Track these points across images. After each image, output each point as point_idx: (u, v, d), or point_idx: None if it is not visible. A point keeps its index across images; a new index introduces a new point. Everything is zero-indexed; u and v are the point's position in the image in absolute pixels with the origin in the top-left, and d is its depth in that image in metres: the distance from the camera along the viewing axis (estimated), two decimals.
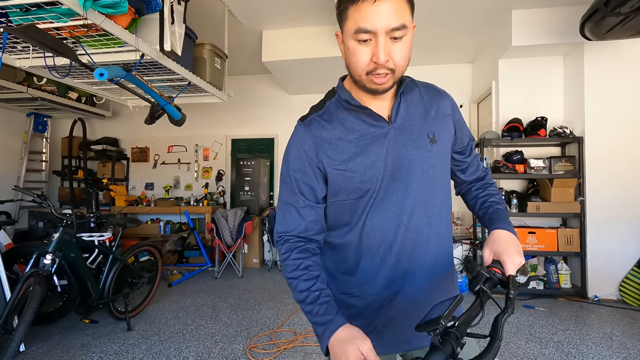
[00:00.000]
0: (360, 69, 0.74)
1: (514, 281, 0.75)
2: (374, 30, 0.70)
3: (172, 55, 2.60)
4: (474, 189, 0.97)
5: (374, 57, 0.72)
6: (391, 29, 0.70)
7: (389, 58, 0.72)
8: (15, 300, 2.08)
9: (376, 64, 0.72)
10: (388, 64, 0.73)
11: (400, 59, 0.73)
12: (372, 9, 0.69)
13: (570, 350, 2.42)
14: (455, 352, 0.57)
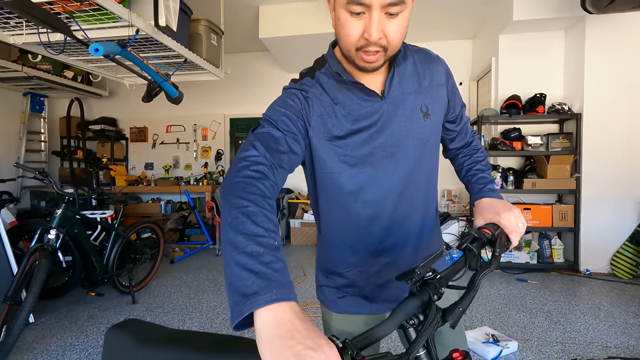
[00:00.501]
0: (350, 44, 0.69)
1: (502, 240, 0.79)
2: (368, 3, 0.63)
3: (167, 31, 2.57)
4: (460, 156, 0.99)
5: (365, 33, 0.66)
6: (388, 4, 0.64)
7: (382, 36, 0.67)
8: (22, 273, 2.15)
9: (367, 41, 0.67)
10: (381, 42, 0.67)
11: (395, 37, 0.68)
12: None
13: (559, 319, 2.51)
14: (431, 299, 0.61)
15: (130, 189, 5.24)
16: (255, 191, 0.60)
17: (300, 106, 0.77)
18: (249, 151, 0.68)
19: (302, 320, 0.44)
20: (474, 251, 0.75)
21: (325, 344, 0.42)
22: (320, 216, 0.91)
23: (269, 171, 0.66)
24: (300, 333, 0.42)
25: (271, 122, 0.74)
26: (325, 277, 0.94)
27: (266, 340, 0.42)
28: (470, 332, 2.24)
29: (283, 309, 0.45)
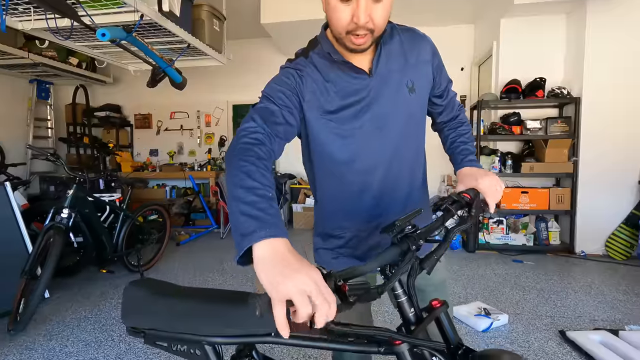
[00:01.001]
0: (341, 28, 0.76)
1: (478, 202, 0.87)
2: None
3: (170, 17, 2.63)
4: (446, 129, 1.06)
5: (354, 18, 0.73)
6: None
7: (369, 19, 0.73)
8: (38, 250, 2.26)
9: (356, 25, 0.74)
10: (368, 25, 0.74)
11: (380, 20, 0.75)
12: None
13: (551, 296, 2.61)
14: (410, 249, 0.70)
15: (136, 175, 5.34)
16: (253, 154, 0.68)
17: (295, 83, 0.85)
18: (249, 123, 0.77)
19: (291, 252, 0.53)
20: (452, 211, 0.83)
21: (309, 268, 0.51)
22: (315, 186, 1.00)
23: (265, 139, 0.74)
24: (288, 260, 0.51)
25: (269, 97, 0.82)
26: (322, 240, 1.03)
27: (261, 266, 0.52)
28: (464, 306, 2.34)
29: (276, 243, 0.54)
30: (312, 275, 0.49)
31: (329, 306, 0.48)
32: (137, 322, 0.87)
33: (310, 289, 0.48)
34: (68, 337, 2.10)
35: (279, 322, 0.48)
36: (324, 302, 0.48)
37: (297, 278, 0.48)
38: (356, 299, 0.57)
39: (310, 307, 0.47)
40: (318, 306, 0.48)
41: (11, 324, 2.12)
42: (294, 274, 0.49)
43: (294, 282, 0.48)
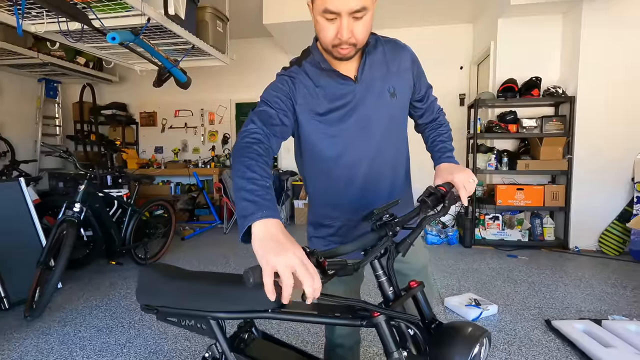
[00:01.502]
0: (328, 42, 0.87)
1: (452, 194, 0.97)
2: (338, 12, 0.81)
3: (176, 19, 2.74)
4: (427, 130, 1.17)
5: (338, 34, 0.84)
6: (353, 11, 0.81)
7: (351, 35, 0.84)
8: (52, 242, 2.39)
9: (340, 40, 0.85)
10: (350, 40, 0.85)
11: (361, 35, 0.86)
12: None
13: (541, 289, 2.71)
14: (387, 234, 0.80)
15: (142, 172, 5.48)
16: (253, 151, 0.80)
17: (289, 89, 0.96)
18: (249, 125, 0.89)
19: (282, 232, 0.65)
20: (427, 203, 0.93)
21: (296, 247, 0.62)
22: (306, 180, 1.11)
23: (264, 138, 0.86)
24: (279, 239, 0.63)
25: (266, 102, 0.94)
26: (314, 229, 1.14)
27: (257, 243, 0.63)
28: (456, 297, 2.45)
29: (270, 223, 0.65)
30: (297, 254, 0.60)
31: (312, 279, 0.59)
32: (151, 300, 0.99)
33: (294, 264, 0.58)
34: (81, 323, 2.23)
35: (267, 289, 0.59)
36: (307, 275, 0.59)
37: (284, 255, 0.59)
38: (334, 273, 0.68)
39: (292, 279, 0.58)
40: (302, 279, 0.59)
41: (27, 310, 2.25)
42: (282, 252, 0.60)
43: (281, 258, 0.59)
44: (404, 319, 0.82)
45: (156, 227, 3.43)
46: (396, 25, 5.09)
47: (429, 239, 4.08)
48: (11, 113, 5.21)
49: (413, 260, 1.15)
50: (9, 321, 2.25)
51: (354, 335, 1.21)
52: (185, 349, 1.93)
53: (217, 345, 0.97)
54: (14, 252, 2.52)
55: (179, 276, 1.01)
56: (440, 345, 0.77)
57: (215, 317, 0.93)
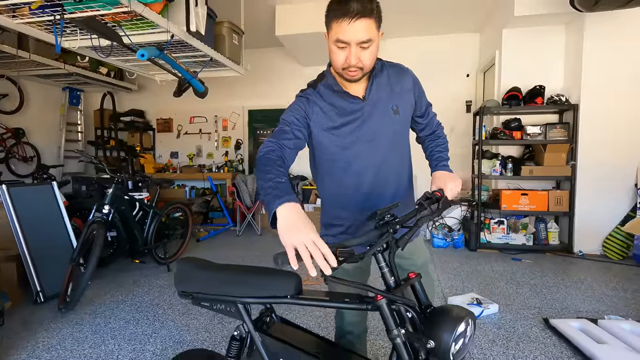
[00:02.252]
0: (339, 66, 1.05)
1: (445, 199, 1.12)
2: (348, 42, 0.99)
3: (196, 35, 2.95)
4: (427, 141, 1.33)
5: (347, 60, 1.02)
6: (360, 42, 0.99)
7: (358, 60, 1.02)
8: (83, 240, 2.60)
9: (349, 64, 1.02)
10: (357, 65, 1.02)
11: (367, 61, 1.04)
12: (348, 27, 0.98)
13: (542, 290, 2.82)
14: (388, 232, 0.96)
15: (158, 176, 5.73)
16: (268, 160, 1.00)
17: (304, 108, 1.15)
18: (268, 140, 1.09)
19: (299, 214, 0.82)
20: (424, 205, 1.09)
21: (309, 229, 0.78)
22: (319, 185, 1.28)
23: (277, 150, 1.05)
24: (296, 221, 0.80)
25: (284, 121, 1.14)
26: (325, 228, 1.30)
27: (280, 225, 0.81)
28: (458, 296, 2.58)
29: (288, 206, 0.83)
30: (309, 234, 0.77)
31: (321, 255, 0.75)
32: (187, 288, 1.16)
33: (307, 243, 0.75)
34: (110, 315, 2.42)
35: (290, 258, 0.76)
36: (317, 252, 0.75)
37: (299, 235, 0.76)
38: (343, 260, 0.84)
39: (307, 253, 0.75)
40: (313, 255, 0.75)
41: (61, 303, 2.46)
42: (297, 232, 0.77)
43: (297, 237, 0.76)
44: (403, 302, 0.97)
45: (175, 228, 3.63)
46: (406, 34, 5.26)
47: (436, 242, 4.20)
48: (37, 120, 5.51)
49: (415, 257, 1.30)
50: (45, 313, 2.45)
51: (362, 324, 1.37)
52: (205, 339, 2.10)
53: (243, 326, 1.13)
54: (47, 250, 2.74)
55: (210, 267, 1.18)
56: (431, 323, 0.92)
57: (242, 302, 1.09)
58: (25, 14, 2.48)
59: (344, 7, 0.98)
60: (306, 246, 0.75)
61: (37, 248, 2.67)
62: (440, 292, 2.78)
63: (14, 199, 2.65)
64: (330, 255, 0.76)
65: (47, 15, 2.47)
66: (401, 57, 5.83)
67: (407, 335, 0.95)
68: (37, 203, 2.83)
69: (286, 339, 1.13)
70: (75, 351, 1.99)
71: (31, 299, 2.60)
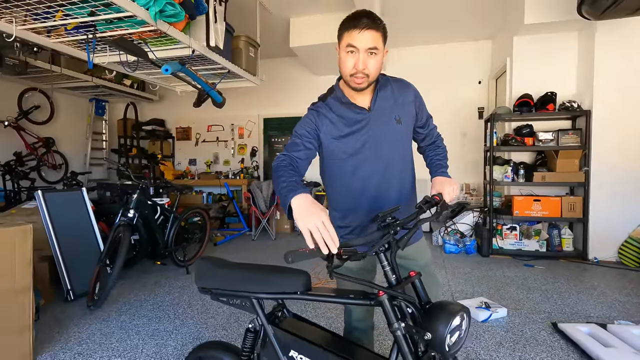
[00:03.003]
0: (347, 72, 1.17)
1: (444, 203, 1.21)
2: (357, 46, 1.12)
3: (216, 50, 3.13)
4: (427, 150, 1.43)
5: (355, 65, 1.14)
6: (368, 48, 1.13)
7: (365, 67, 1.14)
8: (110, 242, 2.78)
9: (356, 70, 1.14)
10: (365, 71, 1.14)
11: (373, 69, 1.15)
12: (358, 35, 1.13)
13: (553, 295, 2.83)
14: (389, 232, 1.06)
15: (178, 182, 5.95)
16: (281, 168, 1.14)
17: (314, 121, 1.27)
18: (281, 154, 1.23)
19: (310, 201, 0.96)
20: (423, 208, 1.18)
21: (319, 212, 0.91)
22: (328, 189, 1.40)
23: (289, 161, 1.19)
24: (307, 207, 0.94)
25: (296, 134, 1.27)
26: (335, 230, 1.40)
27: (295, 213, 0.95)
28: (467, 300, 2.62)
29: (300, 197, 0.98)
30: (320, 216, 0.90)
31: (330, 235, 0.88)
32: (206, 284, 1.28)
33: (317, 225, 0.89)
34: (134, 313, 2.58)
35: (307, 240, 0.89)
36: (326, 232, 0.88)
37: (310, 218, 0.90)
38: (347, 258, 0.95)
39: (319, 234, 0.88)
40: (324, 235, 0.88)
41: (90, 301, 2.63)
42: (310, 215, 0.91)
43: (308, 220, 0.90)
44: (403, 298, 1.07)
45: (193, 232, 3.80)
46: (419, 43, 5.36)
47: (447, 248, 4.23)
48: (66, 130, 5.84)
49: (417, 257, 1.40)
50: (75, 310, 2.63)
51: (368, 320, 1.46)
52: (223, 337, 2.23)
53: (257, 319, 1.24)
54: (77, 252, 2.93)
55: (227, 266, 1.30)
56: (429, 317, 1.01)
57: (256, 297, 1.21)
58: (61, 34, 2.71)
59: (356, 21, 1.14)
60: (317, 228, 0.88)
61: (67, 250, 2.86)
62: (450, 296, 2.83)
63: (48, 204, 2.86)
64: (335, 238, 0.89)
65: (81, 35, 2.69)
66: (415, 65, 5.97)
67: (407, 328, 1.03)
68: (68, 208, 3.04)
69: (296, 332, 1.23)
70: (103, 345, 2.15)
71: (62, 297, 2.78)
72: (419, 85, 1.42)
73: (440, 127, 1.51)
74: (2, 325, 1.79)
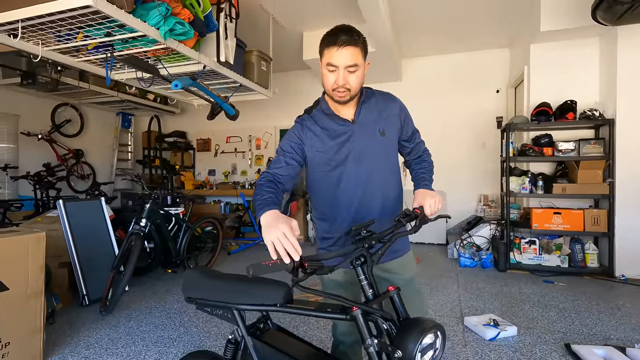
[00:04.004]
0: (328, 87, 1.21)
1: (423, 216, 1.19)
2: (337, 65, 1.15)
3: (226, 65, 3.24)
4: (413, 164, 1.41)
5: (336, 81, 1.17)
6: (348, 66, 1.16)
7: (346, 82, 1.17)
8: (123, 250, 2.90)
9: (337, 85, 1.17)
10: (345, 86, 1.17)
11: (354, 84, 1.18)
12: (337, 53, 1.15)
13: (571, 315, 2.67)
14: (364, 247, 1.05)
15: (197, 192, 6.14)
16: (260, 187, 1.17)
17: (298, 135, 1.30)
18: (264, 172, 1.27)
19: (274, 216, 0.99)
20: (402, 222, 1.16)
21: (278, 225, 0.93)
22: (312, 199, 1.41)
23: (270, 178, 1.22)
24: (270, 221, 0.97)
25: (280, 150, 1.30)
26: (320, 242, 1.41)
27: (262, 227, 0.97)
28: (475, 317, 2.52)
29: (268, 213, 1.02)
30: (280, 228, 0.92)
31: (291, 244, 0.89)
32: (192, 294, 1.31)
33: (278, 236, 0.90)
34: (142, 320, 2.66)
35: (270, 252, 0.91)
36: (287, 242, 0.90)
37: (272, 231, 0.92)
38: (313, 271, 0.94)
39: (280, 244, 0.90)
40: (284, 244, 0.89)
41: (102, 306, 2.74)
42: (271, 229, 0.93)
43: (270, 233, 0.92)
44: (379, 315, 1.05)
45: (206, 241, 3.89)
46: (436, 52, 5.32)
47: (462, 261, 4.09)
48: (94, 142, 6.17)
49: (402, 272, 1.37)
50: (89, 315, 2.75)
51: (353, 334, 1.44)
52: (223, 346, 2.25)
53: (238, 330, 1.26)
54: (94, 258, 3.07)
55: (213, 276, 1.33)
56: (401, 334, 0.99)
57: (237, 308, 1.22)
58: (84, 53, 2.90)
59: (334, 37, 1.16)
60: (279, 239, 0.90)
61: (85, 256, 3.01)
62: (458, 312, 2.74)
63: (68, 213, 3.02)
64: (297, 247, 0.91)
65: (101, 54, 2.87)
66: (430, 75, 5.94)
67: (380, 345, 1.01)
68: (87, 216, 3.20)
69: (277, 345, 1.23)
70: (109, 350, 2.22)
71: (79, 302, 2.91)
72: (435, 95, 1.44)
73: (459, 138, 1.51)
74: (15, 327, 1.90)
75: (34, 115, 5.16)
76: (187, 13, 2.63)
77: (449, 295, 3.11)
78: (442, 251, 4.72)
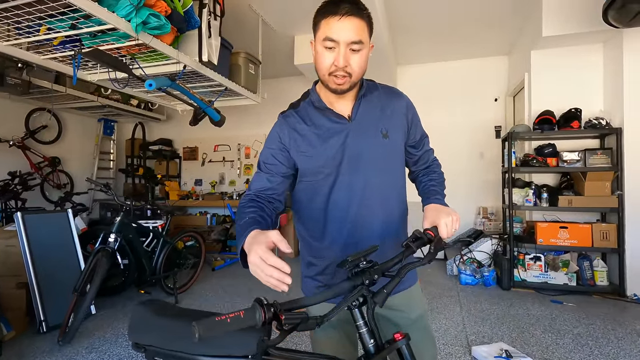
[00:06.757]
0: (324, 69, 0.93)
1: (439, 239, 0.92)
2: (337, 40, 0.89)
3: (209, 65, 2.98)
4: (420, 176, 1.15)
5: (335, 61, 0.91)
6: (351, 42, 0.89)
7: (347, 64, 0.91)
8: (88, 270, 2.57)
9: (336, 67, 0.91)
10: (346, 69, 0.91)
11: (356, 67, 0.92)
12: (338, 23, 0.89)
13: (588, 342, 2.41)
14: (363, 283, 0.78)
15: (181, 203, 5.80)
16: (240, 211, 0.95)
17: (279, 138, 1.04)
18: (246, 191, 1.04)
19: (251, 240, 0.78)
20: (412, 248, 0.89)
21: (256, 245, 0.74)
22: (296, 215, 1.13)
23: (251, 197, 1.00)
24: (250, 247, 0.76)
25: (260, 163, 1.06)
26: (306, 267, 1.13)
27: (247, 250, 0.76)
28: (484, 346, 2.24)
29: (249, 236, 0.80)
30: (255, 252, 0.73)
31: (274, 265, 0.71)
32: (140, 339, 1.01)
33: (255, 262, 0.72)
34: (105, 351, 2.32)
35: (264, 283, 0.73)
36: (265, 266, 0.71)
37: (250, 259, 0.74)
38: (292, 328, 0.66)
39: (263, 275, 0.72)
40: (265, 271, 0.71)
41: (61, 335, 2.40)
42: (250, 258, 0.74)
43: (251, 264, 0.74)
44: None
45: (187, 257, 3.57)
46: (432, 60, 5.15)
47: (463, 279, 3.83)
48: (74, 149, 5.83)
49: (408, 309, 1.09)
50: (44, 344, 2.40)
51: None
52: None
53: None
54: (56, 279, 2.73)
55: (168, 315, 1.03)
56: None
57: None
58: (49, 50, 2.62)
59: (334, 6, 0.90)
60: (257, 266, 0.72)
61: (45, 276, 2.67)
62: (464, 339, 2.46)
63: (27, 227, 2.70)
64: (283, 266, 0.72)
65: (68, 50, 2.59)
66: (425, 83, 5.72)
67: None
68: (51, 230, 2.87)
69: None
70: None
71: (35, 329, 2.57)
72: (430, 103, 1.18)
73: (456, 148, 1.25)
74: None
75: (5, 121, 4.82)
76: (163, 5, 2.37)
77: (452, 319, 2.83)
78: (441, 267, 4.45)
